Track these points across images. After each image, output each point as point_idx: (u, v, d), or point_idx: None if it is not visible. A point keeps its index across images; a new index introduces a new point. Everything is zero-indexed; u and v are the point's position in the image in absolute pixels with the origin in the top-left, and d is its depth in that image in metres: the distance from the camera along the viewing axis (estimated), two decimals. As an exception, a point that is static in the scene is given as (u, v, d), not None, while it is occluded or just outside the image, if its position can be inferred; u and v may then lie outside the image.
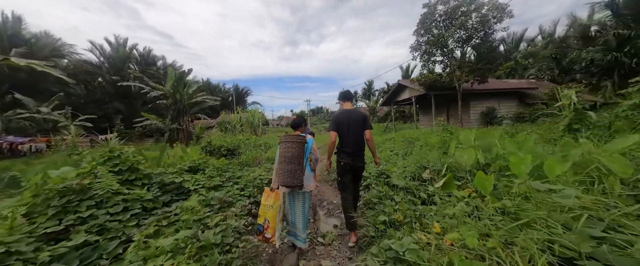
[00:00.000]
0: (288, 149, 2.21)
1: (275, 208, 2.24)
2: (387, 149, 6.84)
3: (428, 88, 12.65)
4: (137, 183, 3.31)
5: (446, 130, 8.61)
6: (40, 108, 17.47)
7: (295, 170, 2.15)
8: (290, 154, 2.19)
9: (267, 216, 2.23)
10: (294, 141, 2.25)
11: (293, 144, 2.23)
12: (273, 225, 2.22)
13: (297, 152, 2.20)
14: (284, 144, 2.27)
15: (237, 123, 11.27)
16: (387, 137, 9.68)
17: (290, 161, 2.17)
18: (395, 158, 5.25)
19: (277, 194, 2.27)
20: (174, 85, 15.13)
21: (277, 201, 2.25)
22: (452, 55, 11.59)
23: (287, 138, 2.30)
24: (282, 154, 2.24)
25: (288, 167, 2.16)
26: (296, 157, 2.18)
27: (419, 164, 3.97)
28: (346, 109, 2.77)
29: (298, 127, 2.61)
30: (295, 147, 2.21)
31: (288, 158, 2.19)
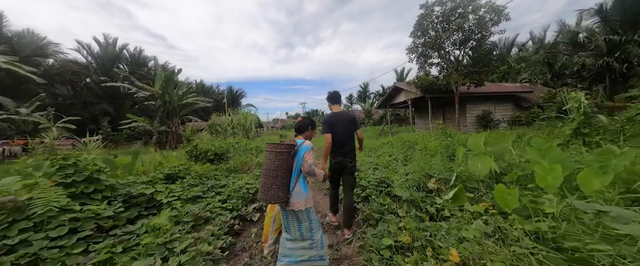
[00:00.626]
0: (267, 158, 1.93)
1: (269, 217, 2.34)
2: (386, 154, 6.44)
3: (425, 91, 12.40)
4: (96, 196, 2.79)
5: (445, 133, 8.30)
6: (20, 109, 16.49)
7: (270, 185, 1.85)
8: (266, 165, 1.92)
9: (264, 224, 2.38)
10: (274, 150, 1.90)
11: (272, 153, 1.90)
12: (265, 232, 2.35)
13: (274, 164, 1.87)
14: (267, 153, 1.97)
15: (229, 125, 10.72)
16: (384, 141, 9.31)
17: (265, 173, 1.90)
18: (395, 165, 4.84)
19: (272, 206, 2.27)
20: (162, 86, 14.47)
21: (272, 211, 2.32)
22: (449, 57, 11.38)
23: (268, 146, 1.98)
24: (264, 164, 1.97)
25: (263, 180, 1.90)
26: (272, 170, 1.86)
27: (423, 172, 3.56)
28: (336, 112, 2.82)
29: (302, 132, 2.23)
30: (273, 158, 1.88)
31: (264, 170, 1.92)
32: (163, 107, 15.31)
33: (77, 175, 2.72)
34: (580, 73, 16.42)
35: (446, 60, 11.36)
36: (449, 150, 4.46)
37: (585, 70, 15.98)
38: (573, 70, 16.54)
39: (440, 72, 11.93)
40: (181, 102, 15.75)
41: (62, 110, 25.23)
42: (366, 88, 35.64)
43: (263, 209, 3.69)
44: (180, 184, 3.77)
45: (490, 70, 10.76)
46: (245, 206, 3.55)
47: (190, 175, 4.54)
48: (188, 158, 6.76)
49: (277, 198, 1.85)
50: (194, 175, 4.69)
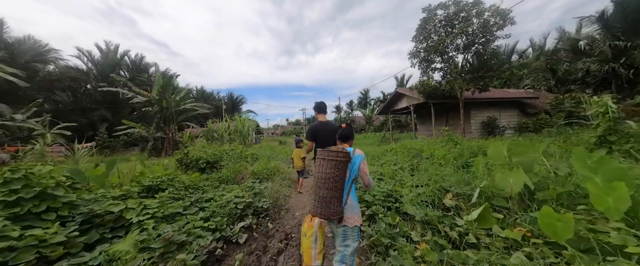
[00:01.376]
0: (324, 168, 1.61)
1: (308, 237, 1.79)
2: (390, 162, 5.95)
3: (427, 97, 12.00)
4: (49, 216, 2.31)
5: (451, 140, 7.83)
6: (15, 116, 16.14)
7: (330, 198, 1.58)
8: (325, 175, 1.60)
9: (303, 247, 1.83)
10: (334, 158, 1.60)
11: (331, 162, 1.59)
12: (307, 259, 1.78)
13: (336, 173, 1.59)
14: (321, 161, 1.64)
15: (225, 132, 10.29)
16: (386, 148, 8.83)
17: (324, 185, 1.59)
18: (402, 175, 4.35)
19: (311, 220, 1.80)
20: (159, 91, 14.14)
21: (311, 229, 1.79)
22: (453, 62, 11.03)
23: (324, 154, 1.65)
24: (317, 174, 1.65)
25: (322, 192, 1.60)
26: (332, 180, 1.58)
27: (437, 185, 3.08)
28: (321, 121, 2.90)
29: (349, 139, 1.97)
30: (333, 167, 1.59)
31: (321, 181, 1.60)
32: (160, 113, 14.94)
33: (25, 191, 2.25)
34: (585, 79, 16.08)
35: (449, 65, 11.01)
36: (461, 159, 3.99)
37: (589, 76, 15.63)
38: (577, 76, 16.20)
39: (444, 77, 11.56)
40: (178, 107, 15.38)
41: (62, 116, 24.94)
42: (367, 94, 35.41)
43: (253, 227, 3.20)
44: (159, 198, 3.29)
45: (495, 75, 10.38)
46: (231, 225, 3.06)
47: (174, 186, 4.06)
48: (178, 166, 6.29)
49: (339, 213, 1.63)
50: (179, 186, 4.21)
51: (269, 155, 7.95)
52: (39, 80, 21.24)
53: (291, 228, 3.29)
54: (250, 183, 4.72)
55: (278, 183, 5.26)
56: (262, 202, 3.68)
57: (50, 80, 22.74)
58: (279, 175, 5.98)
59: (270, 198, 3.94)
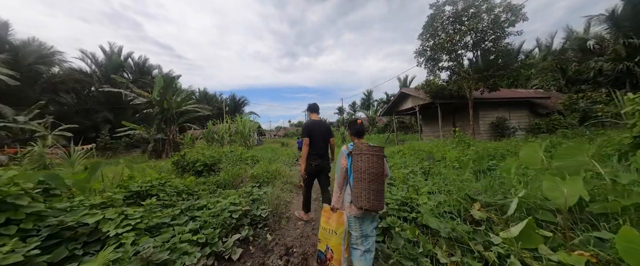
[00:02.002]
0: (373, 164, 1.71)
1: (339, 235, 1.80)
2: (399, 165, 5.54)
3: (434, 97, 11.56)
4: (8, 231, 1.96)
5: (462, 141, 7.39)
6: (17, 117, 16.05)
7: (381, 190, 1.72)
8: (376, 170, 1.71)
9: (329, 244, 1.84)
10: (378, 154, 1.74)
11: (380, 158, 1.73)
12: (337, 255, 1.80)
13: (381, 169, 1.74)
14: (366, 156, 1.72)
15: (225, 133, 9.96)
16: (393, 150, 8.40)
17: (376, 179, 1.70)
18: (414, 179, 3.94)
19: (340, 218, 1.82)
20: (160, 92, 13.90)
21: (341, 226, 1.81)
22: (461, 60, 10.59)
23: (371, 150, 1.75)
24: (365, 170, 1.70)
25: (374, 186, 1.69)
26: (381, 175, 1.73)
27: (462, 193, 2.67)
28: (314, 120, 3.18)
29: (363, 135, 2.11)
30: (381, 162, 1.74)
31: (374, 176, 1.69)
32: (161, 115, 14.71)
33: (-23, 201, 1.90)
34: (596, 78, 15.50)
35: (458, 64, 10.57)
36: (482, 163, 3.56)
37: (602, 75, 15.07)
38: (589, 75, 15.63)
39: (451, 77, 11.12)
40: (179, 109, 15.15)
41: (66, 118, 24.93)
42: (370, 95, 34.94)
43: (250, 240, 2.82)
44: (146, 206, 2.93)
45: (507, 73, 9.91)
46: (224, 238, 2.68)
47: (165, 191, 3.70)
48: (175, 169, 5.95)
49: (383, 203, 1.74)
50: (172, 191, 3.85)
51: (270, 158, 7.58)
52: (43, 82, 21.24)
53: (293, 240, 2.90)
54: (249, 187, 4.35)
55: (279, 187, 4.88)
56: (260, 210, 3.30)
57: (54, 82, 22.73)
58: (280, 179, 5.61)
59: (270, 205, 3.55)
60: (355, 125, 2.08)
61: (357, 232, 1.82)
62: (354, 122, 2.10)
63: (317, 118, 3.20)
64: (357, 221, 1.81)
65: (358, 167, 1.72)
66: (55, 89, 23.60)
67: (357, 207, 1.71)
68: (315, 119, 3.17)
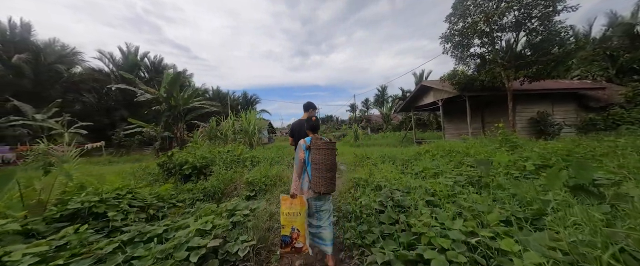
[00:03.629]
0: (326, 156, 2.04)
1: (303, 215, 2.05)
2: (431, 170, 4.26)
3: (462, 89, 9.98)
4: None
5: (506, 140, 5.91)
6: (35, 115, 16.29)
7: (332, 178, 2.06)
8: (330, 162, 2.04)
9: (295, 225, 2.03)
10: (332, 148, 2.07)
11: (330, 151, 2.05)
12: (303, 232, 2.04)
13: (334, 159, 2.09)
14: (321, 150, 2.04)
15: (229, 130, 9.09)
16: (416, 150, 7.05)
17: (330, 169, 2.04)
18: (466, 194, 2.68)
19: (302, 200, 2.07)
20: (167, 89, 13.32)
21: (304, 208, 2.06)
22: (499, 45, 8.93)
23: (326, 144, 2.06)
24: (321, 161, 2.03)
25: (328, 174, 2.02)
26: (333, 164, 2.07)
27: (586, 235, 1.39)
28: (302, 118, 3.12)
29: (317, 130, 2.30)
30: (331, 154, 2.06)
31: (328, 166, 2.03)
32: (168, 111, 14.18)
33: None
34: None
35: (493, 50, 8.92)
36: (584, 174, 2.23)
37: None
38: (648, 63, 13.19)
39: (483, 65, 9.48)
40: (187, 105, 14.55)
41: (88, 116, 25.51)
42: (384, 91, 33.04)
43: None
44: (74, 231, 1.92)
45: (559, 58, 8.14)
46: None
47: (120, 208, 2.71)
48: (161, 172, 5.04)
49: (336, 187, 2.13)
50: (134, 206, 2.87)
51: (273, 158, 6.54)
52: (63, 81, 21.71)
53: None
54: (235, 201, 3.28)
55: (277, 198, 3.79)
56: (238, 244, 2.19)
57: (74, 82, 23.24)
58: (281, 185, 4.52)
59: (256, 232, 2.45)
60: (310, 122, 2.30)
61: (312, 210, 2.16)
62: (310, 118, 2.31)
63: (305, 117, 2.97)
64: (312, 202, 2.16)
65: (316, 159, 2.04)
66: (77, 88, 24.19)
67: (315, 192, 2.04)
68: (304, 117, 3.02)
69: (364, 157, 6.41)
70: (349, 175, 5.43)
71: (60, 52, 21.55)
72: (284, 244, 2.04)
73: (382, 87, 32.75)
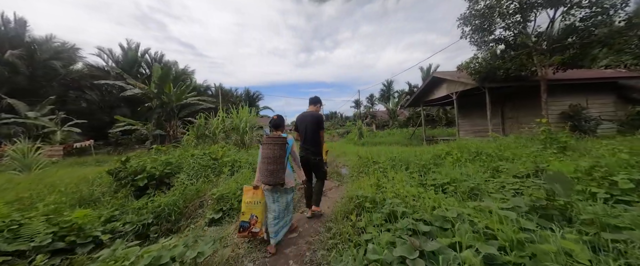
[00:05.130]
0: (271, 150, 2.24)
1: (263, 204, 2.35)
2: (463, 183, 3.05)
3: (483, 79, 8.60)
4: None
5: (551, 139, 4.62)
6: (28, 113, 15.63)
7: (277, 170, 2.22)
8: (273, 155, 2.22)
9: (254, 212, 2.29)
10: (277, 143, 2.28)
11: (275, 146, 2.26)
12: (261, 219, 2.32)
13: (278, 153, 2.25)
14: (266, 145, 2.28)
15: (216, 129, 8.01)
16: (431, 151, 5.79)
17: (273, 161, 2.22)
18: (540, 234, 1.49)
19: (261, 191, 2.36)
20: (157, 84, 12.33)
21: (263, 198, 2.37)
22: (528, 26, 7.51)
23: (269, 139, 2.31)
24: (265, 155, 2.26)
25: (270, 167, 2.21)
26: (278, 158, 2.24)
27: None
28: (305, 111, 3.15)
29: (279, 128, 2.55)
30: (277, 148, 2.25)
31: (271, 159, 2.22)
32: (160, 108, 13.23)
33: None
34: None
35: (525, 31, 7.50)
36: None
37: None
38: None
39: (510, 50, 8.08)
40: (180, 101, 13.56)
41: (91, 114, 24.98)
42: (390, 86, 31.45)
43: None
44: None
45: (604, 39, 6.70)
46: None
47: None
48: (113, 181, 3.97)
49: (282, 179, 2.28)
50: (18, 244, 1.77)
51: (260, 162, 5.43)
52: (61, 78, 21.06)
53: None
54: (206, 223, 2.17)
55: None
56: None
57: (73, 79, 22.61)
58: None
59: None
60: (272, 120, 2.59)
61: (269, 202, 2.41)
62: (273, 117, 2.59)
63: (310, 110, 3.10)
64: (268, 193, 2.40)
65: (263, 153, 2.30)
66: (79, 86, 23.63)
67: (262, 182, 2.32)
68: (308, 111, 3.10)
69: (370, 160, 5.21)
70: (351, 185, 4.26)
71: (57, 48, 20.84)
72: (242, 229, 2.25)
73: (388, 81, 31.21)
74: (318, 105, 3.15)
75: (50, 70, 19.47)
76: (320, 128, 2.99)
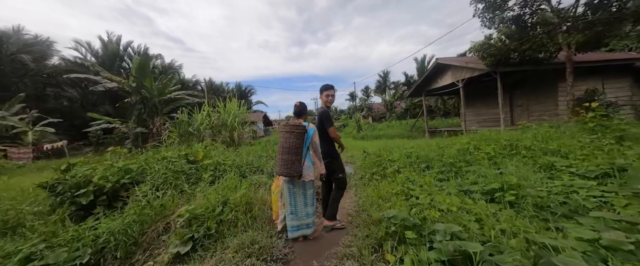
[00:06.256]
0: (286, 139, 2.09)
1: (276, 194, 2.37)
2: (529, 192, 2.18)
3: (496, 64, 7.76)
4: None
5: (603, 127, 3.82)
6: (-6, 113, 14.01)
7: (292, 161, 2.05)
8: (288, 144, 2.07)
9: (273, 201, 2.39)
10: (293, 131, 2.09)
11: (292, 134, 2.08)
12: (275, 209, 2.42)
13: (295, 143, 2.08)
14: (283, 133, 2.14)
15: (201, 125, 6.93)
16: (449, 144, 4.95)
17: (287, 151, 2.06)
18: None
19: (278, 180, 2.35)
20: (136, 77, 11.02)
21: (277, 188, 2.36)
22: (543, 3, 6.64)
23: (286, 127, 2.15)
24: (281, 143, 2.11)
25: (285, 157, 2.06)
26: (294, 147, 2.07)
27: None
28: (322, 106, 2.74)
29: (301, 115, 2.39)
30: (293, 138, 2.08)
31: (286, 149, 2.07)
32: (141, 104, 11.96)
33: None
34: None
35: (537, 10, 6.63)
36: None
37: None
38: None
39: (526, 30, 7.24)
40: (163, 96, 12.30)
41: (73, 112, 23.28)
42: (386, 77, 30.46)
43: None
44: None
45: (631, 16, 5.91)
46: None
47: None
48: (48, 196, 2.95)
49: (298, 171, 2.10)
50: None
51: (250, 163, 4.42)
52: (33, 74, 19.18)
53: None
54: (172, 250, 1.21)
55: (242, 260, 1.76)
56: None
57: (48, 74, 20.74)
58: (253, 224, 2.48)
59: None
60: (295, 107, 2.38)
61: (286, 194, 2.25)
62: (295, 104, 2.38)
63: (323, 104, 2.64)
64: (285, 186, 2.24)
65: (279, 142, 2.15)
66: (57, 82, 21.80)
67: (276, 173, 2.21)
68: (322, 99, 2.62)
69: (384, 158, 4.30)
70: (363, 191, 3.36)
71: (27, 41, 18.88)
72: None
73: (384, 72, 30.23)
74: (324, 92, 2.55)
75: (20, 64, 17.63)
76: (324, 126, 2.45)
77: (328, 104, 2.56)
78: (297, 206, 2.24)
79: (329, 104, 2.56)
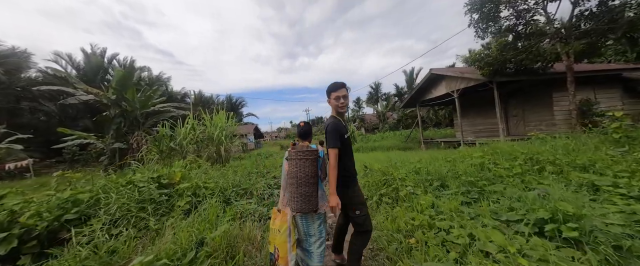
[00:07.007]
0: (301, 168, 1.64)
1: (283, 233, 1.69)
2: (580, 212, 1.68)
3: (494, 74, 7.63)
4: None
5: (628, 138, 3.47)
6: (-47, 129, 12.61)
7: (311, 193, 1.66)
8: (304, 173, 1.64)
9: (275, 244, 1.71)
10: (307, 158, 1.66)
11: (306, 161, 1.65)
12: (283, 253, 1.68)
13: (311, 171, 1.66)
14: (296, 162, 1.66)
15: (184, 140, 6.21)
16: (457, 158, 4.51)
17: (305, 183, 1.64)
18: None
19: (284, 216, 1.71)
20: (116, 89, 10.23)
21: (284, 224, 1.69)
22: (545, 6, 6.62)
23: (298, 154, 1.67)
24: (294, 174, 1.66)
25: (302, 189, 1.64)
26: (311, 176, 1.66)
27: None
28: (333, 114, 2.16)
29: (307, 137, 1.96)
30: (309, 165, 1.65)
31: (302, 180, 1.64)
32: (121, 117, 11.05)
33: None
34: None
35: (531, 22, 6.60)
36: None
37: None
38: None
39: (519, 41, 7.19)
40: (146, 109, 11.46)
41: (47, 127, 21.73)
42: (378, 89, 30.73)
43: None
44: None
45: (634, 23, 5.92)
46: None
47: None
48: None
49: (316, 205, 1.71)
50: None
51: (237, 184, 3.75)
52: (5, 88, 17.79)
53: None
54: None
55: None
56: None
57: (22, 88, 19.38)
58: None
59: None
60: (298, 128, 2.00)
61: (300, 229, 1.81)
62: (298, 125, 2.00)
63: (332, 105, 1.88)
64: (299, 220, 1.80)
65: (290, 172, 1.69)
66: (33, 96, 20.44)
67: (291, 209, 1.70)
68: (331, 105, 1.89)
69: (393, 176, 3.75)
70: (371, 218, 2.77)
71: (0, 52, 17.66)
72: (271, 262, 1.77)
73: (376, 84, 30.52)
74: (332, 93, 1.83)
75: (-10, 78, 16.34)
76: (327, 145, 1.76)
77: (340, 110, 1.83)
78: (311, 244, 1.80)
79: (341, 110, 1.83)
